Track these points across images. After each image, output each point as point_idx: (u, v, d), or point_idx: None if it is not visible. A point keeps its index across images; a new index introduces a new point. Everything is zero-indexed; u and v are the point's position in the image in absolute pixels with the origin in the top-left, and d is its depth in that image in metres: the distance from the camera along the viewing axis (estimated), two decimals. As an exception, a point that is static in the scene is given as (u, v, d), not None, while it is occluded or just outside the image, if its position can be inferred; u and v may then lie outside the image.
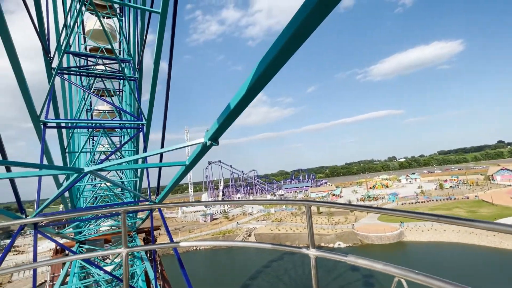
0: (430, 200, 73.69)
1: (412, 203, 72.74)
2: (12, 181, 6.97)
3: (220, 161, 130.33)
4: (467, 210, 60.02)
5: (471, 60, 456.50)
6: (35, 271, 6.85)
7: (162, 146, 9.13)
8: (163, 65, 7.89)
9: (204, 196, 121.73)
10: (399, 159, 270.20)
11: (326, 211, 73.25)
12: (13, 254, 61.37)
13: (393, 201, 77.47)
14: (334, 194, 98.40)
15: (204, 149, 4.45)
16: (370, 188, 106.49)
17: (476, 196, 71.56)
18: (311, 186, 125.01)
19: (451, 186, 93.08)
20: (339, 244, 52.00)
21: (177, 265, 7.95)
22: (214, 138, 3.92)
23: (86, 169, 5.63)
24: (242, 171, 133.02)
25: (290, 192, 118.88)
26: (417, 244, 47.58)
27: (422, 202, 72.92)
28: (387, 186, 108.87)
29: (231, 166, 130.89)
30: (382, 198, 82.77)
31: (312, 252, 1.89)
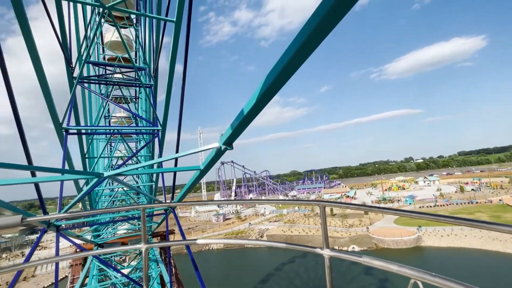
0: (450, 204, 70.74)
1: (431, 206, 70.08)
2: (36, 185, 7.35)
3: (232, 162, 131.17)
4: (490, 214, 57.16)
5: (495, 57, 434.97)
6: (57, 265, 7.12)
7: (177, 151, 9.31)
8: (178, 69, 8.03)
9: (217, 196, 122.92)
10: (416, 160, 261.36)
11: (339, 213, 71.99)
12: (36, 250, 64.56)
13: (410, 204, 74.94)
14: (348, 196, 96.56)
15: (219, 153, 4.50)
16: (386, 190, 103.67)
17: (500, 200, 67.97)
18: (324, 187, 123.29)
19: (472, 189, 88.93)
20: (353, 247, 51.00)
21: (190, 264, 8.07)
22: (229, 143, 4.00)
23: (106, 174, 5.83)
24: (255, 172, 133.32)
25: (303, 193, 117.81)
26: (435, 250, 45.84)
27: (441, 205, 70.12)
28: (404, 188, 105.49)
29: (243, 166, 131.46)
30: (399, 200, 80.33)
31: (326, 252, 1.88)
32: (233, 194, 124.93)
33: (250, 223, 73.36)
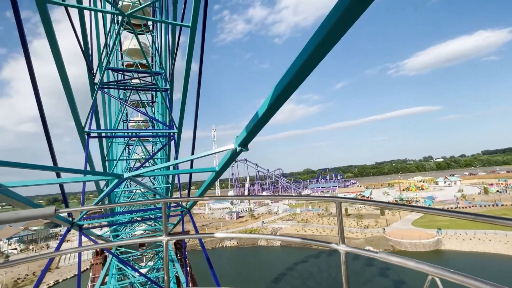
0: (472, 206, 67.59)
1: (452, 208, 67.31)
2: (61, 186, 7.79)
3: (246, 160, 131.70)
4: (518, 218, 54.01)
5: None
6: (79, 256, 7.49)
7: (192, 153, 9.49)
8: (193, 68, 8.15)
9: (231, 193, 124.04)
10: (436, 159, 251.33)
11: (354, 213, 70.63)
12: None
13: (429, 205, 72.26)
14: (363, 196, 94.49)
15: (234, 154, 4.52)
16: (403, 190, 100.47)
17: (528, 202, 64.21)
18: (338, 186, 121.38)
19: (498, 191, 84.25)
20: (368, 249, 49.94)
21: (203, 260, 8.20)
22: (244, 144, 4.02)
23: (126, 175, 6.06)
24: (268, 170, 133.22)
25: (317, 192, 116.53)
26: (456, 254, 43.99)
27: (463, 207, 67.15)
28: (423, 189, 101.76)
29: (256, 164, 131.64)
30: (417, 201, 77.65)
31: (342, 248, 1.88)
32: (246, 192, 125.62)
33: (263, 222, 73.57)
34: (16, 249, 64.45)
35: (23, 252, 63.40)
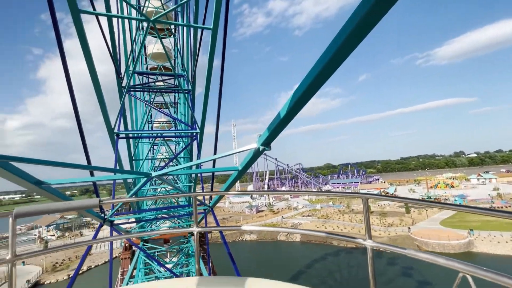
0: (509, 206, 62.77)
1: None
2: (94, 184, 8.38)
3: (265, 154, 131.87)
4: None
5: None
6: (111, 245, 8.06)
7: (215, 153, 9.70)
8: (215, 65, 8.25)
9: (250, 188, 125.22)
10: (468, 154, 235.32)
11: (378, 211, 68.41)
12: (91, 231, 73.09)
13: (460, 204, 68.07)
14: (387, 193, 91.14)
15: (257, 154, 4.57)
16: (431, 187, 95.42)
17: None
18: (360, 182, 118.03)
19: (540, 190, 77.53)
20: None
21: (222, 253, 8.49)
22: (267, 143, 4.05)
23: (154, 174, 6.36)
24: (287, 164, 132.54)
25: (337, 187, 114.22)
26: (490, 257, 41.22)
27: (499, 207, 62.55)
28: (453, 186, 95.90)
29: (276, 159, 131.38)
30: (446, 199, 73.49)
31: (369, 243, 1.87)
32: (265, 186, 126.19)
33: (282, 217, 73.64)
34: (54, 235, 70.19)
35: (60, 238, 68.95)
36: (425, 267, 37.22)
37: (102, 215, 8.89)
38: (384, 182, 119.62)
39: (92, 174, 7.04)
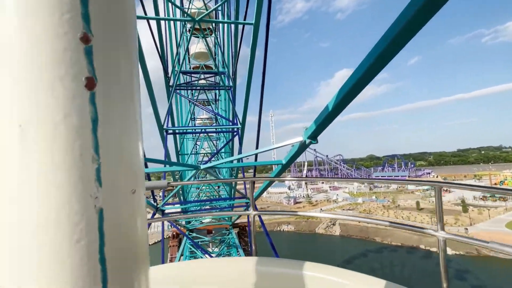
0: None
1: None
2: (147, 174, 9.28)
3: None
4: None
5: None
6: (162, 226, 8.76)
7: (257, 147, 9.78)
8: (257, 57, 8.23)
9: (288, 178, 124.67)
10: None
11: (428, 208, 62.75)
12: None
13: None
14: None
15: (303, 147, 4.47)
16: (496, 183, 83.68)
17: None
18: (408, 176, 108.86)
19: None
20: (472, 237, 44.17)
21: (261, 243, 8.80)
22: (313, 137, 3.97)
23: (202, 167, 6.84)
24: (327, 156, 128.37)
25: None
26: None
27: None
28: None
29: (315, 150, 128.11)
30: (515, 199, 63.91)
31: (441, 234, 1.77)
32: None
33: (321, 209, 72.17)
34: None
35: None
36: (476, 272, 33.61)
37: (155, 204, 9.76)
38: (437, 177, 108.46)
39: (146, 166, 7.73)
